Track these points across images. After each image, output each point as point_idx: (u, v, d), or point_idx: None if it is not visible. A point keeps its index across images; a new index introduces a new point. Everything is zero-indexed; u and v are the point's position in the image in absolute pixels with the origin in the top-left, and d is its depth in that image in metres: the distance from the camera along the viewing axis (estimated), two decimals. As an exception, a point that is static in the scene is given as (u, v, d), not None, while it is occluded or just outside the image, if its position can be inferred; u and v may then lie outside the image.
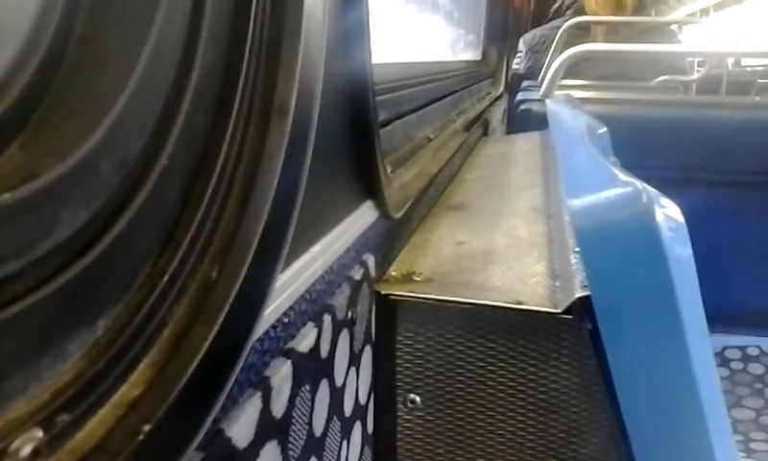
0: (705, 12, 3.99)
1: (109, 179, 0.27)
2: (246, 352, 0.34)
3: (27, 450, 0.22)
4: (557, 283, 0.72)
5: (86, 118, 0.26)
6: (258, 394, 0.38)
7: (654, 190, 0.65)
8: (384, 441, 0.70)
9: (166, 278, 0.31)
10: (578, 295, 0.63)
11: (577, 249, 0.72)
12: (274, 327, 0.42)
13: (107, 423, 0.25)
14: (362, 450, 0.63)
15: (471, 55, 2.84)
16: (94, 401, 0.25)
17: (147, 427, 0.26)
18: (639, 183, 0.66)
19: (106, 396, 0.25)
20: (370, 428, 0.66)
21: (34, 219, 0.24)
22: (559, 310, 0.65)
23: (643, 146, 1.87)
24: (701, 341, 0.64)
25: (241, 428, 0.35)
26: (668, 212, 0.64)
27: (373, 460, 0.68)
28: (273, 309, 0.41)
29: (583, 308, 0.63)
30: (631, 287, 0.62)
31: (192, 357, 0.30)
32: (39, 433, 0.23)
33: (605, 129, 1.33)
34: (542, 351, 0.67)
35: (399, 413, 0.70)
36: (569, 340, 0.66)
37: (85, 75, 0.26)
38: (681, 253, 0.63)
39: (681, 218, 0.67)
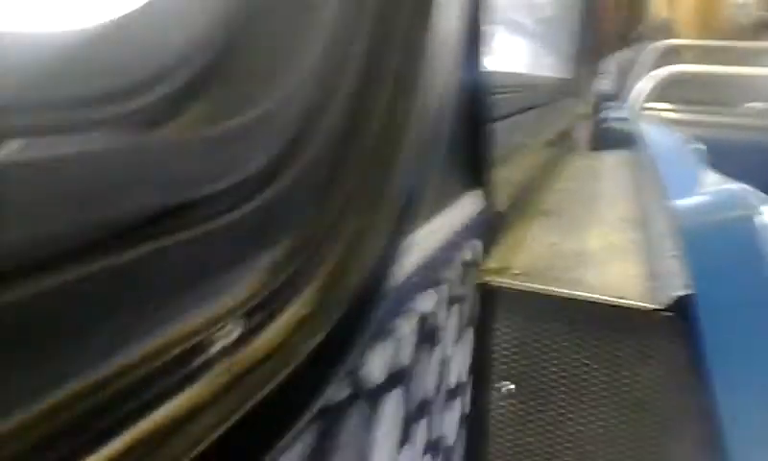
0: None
1: (287, 126, 0.31)
2: (384, 297, 0.37)
3: (234, 336, 0.25)
4: (654, 284, 0.73)
5: (264, 81, 0.31)
6: (388, 343, 0.41)
7: (759, 193, 0.65)
8: (477, 423, 0.72)
9: (326, 221, 0.34)
10: (680, 293, 0.64)
11: (675, 253, 0.73)
12: (398, 288, 0.45)
13: (288, 327, 0.29)
14: (459, 427, 0.65)
15: (561, 73, 2.84)
16: (278, 307, 0.29)
17: (319, 336, 0.30)
18: (744, 186, 0.67)
19: (287, 304, 0.29)
20: (467, 408, 0.69)
21: (227, 151, 0.28)
22: (660, 307, 0.65)
23: (735, 169, 1.83)
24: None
25: (373, 370, 0.39)
26: (773, 217, 0.65)
27: (467, 440, 0.70)
28: (398, 271, 0.44)
29: (684, 306, 0.63)
30: (733, 288, 0.62)
31: (348, 288, 0.33)
32: (240, 325, 0.26)
33: (702, 146, 1.32)
34: (639, 348, 0.67)
35: (493, 398, 0.72)
36: (667, 338, 0.66)
37: (265, 49, 0.30)
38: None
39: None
